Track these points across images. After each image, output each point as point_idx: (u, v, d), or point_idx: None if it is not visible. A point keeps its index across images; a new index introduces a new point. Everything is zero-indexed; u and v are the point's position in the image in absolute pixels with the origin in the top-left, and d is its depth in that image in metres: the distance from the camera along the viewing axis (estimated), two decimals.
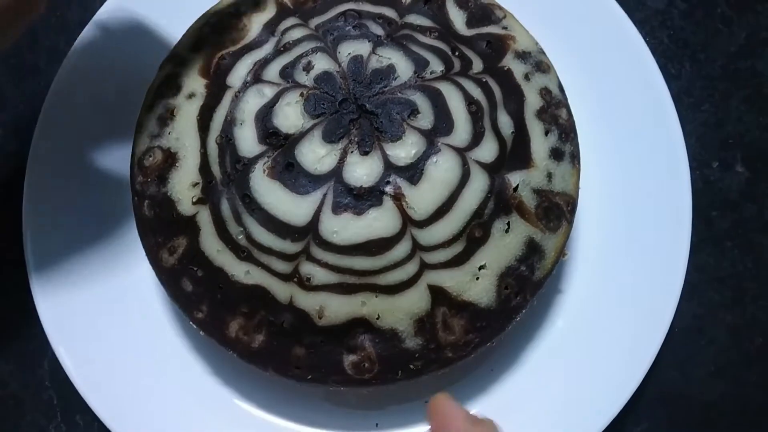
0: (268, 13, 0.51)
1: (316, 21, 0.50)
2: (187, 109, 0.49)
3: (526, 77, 0.51)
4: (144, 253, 0.50)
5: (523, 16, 0.54)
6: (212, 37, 0.51)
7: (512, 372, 0.55)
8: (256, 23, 0.51)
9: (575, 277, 0.56)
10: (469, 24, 0.52)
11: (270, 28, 0.50)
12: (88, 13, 0.60)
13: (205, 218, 0.47)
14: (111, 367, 0.53)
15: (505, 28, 0.52)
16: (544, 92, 0.51)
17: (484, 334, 0.48)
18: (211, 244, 0.47)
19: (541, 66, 0.52)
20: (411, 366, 0.47)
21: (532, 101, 0.50)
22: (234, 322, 0.47)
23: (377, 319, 0.46)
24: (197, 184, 0.47)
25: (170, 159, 0.49)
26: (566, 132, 0.51)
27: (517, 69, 0.51)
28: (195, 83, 0.50)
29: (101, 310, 0.54)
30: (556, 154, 0.50)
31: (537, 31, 0.54)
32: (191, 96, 0.49)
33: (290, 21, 0.50)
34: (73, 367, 0.53)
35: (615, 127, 0.58)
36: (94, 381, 0.52)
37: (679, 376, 0.58)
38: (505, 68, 0.50)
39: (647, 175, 0.57)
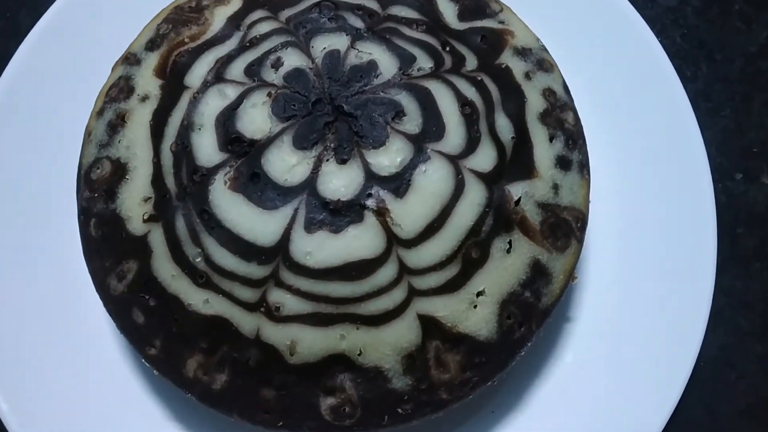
0: (233, 5, 0.47)
1: (287, 13, 0.46)
2: (139, 114, 0.45)
3: (527, 76, 0.47)
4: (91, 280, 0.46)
5: (521, 11, 0.50)
6: (170, 34, 0.47)
7: (516, 415, 0.51)
8: (219, 17, 0.47)
9: (586, 304, 0.52)
10: (462, 17, 0.48)
11: (235, 21, 0.46)
12: (40, 16, 0.55)
13: (157, 238, 0.42)
14: (54, 412, 0.48)
15: (502, 22, 0.49)
16: (548, 93, 0.47)
17: (484, 371, 0.44)
18: (164, 268, 0.42)
19: (544, 64, 0.48)
20: (399, 410, 0.43)
21: (534, 103, 0.46)
22: (192, 359, 0.43)
23: (359, 355, 0.41)
24: (149, 198, 0.43)
25: (120, 171, 0.44)
26: (573, 138, 0.47)
27: (517, 67, 0.47)
28: (149, 84, 0.46)
29: (42, 344, 0.50)
30: (562, 163, 0.46)
31: (537, 27, 0.50)
32: (145, 99, 0.45)
33: (258, 14, 0.46)
34: (9, 412, 0.48)
35: (626, 134, 0.54)
36: (34, 429, 0.47)
37: (706, 414, 0.54)
38: (503, 66, 0.46)
39: (665, 189, 0.53)
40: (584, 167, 0.47)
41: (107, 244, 0.44)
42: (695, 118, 0.52)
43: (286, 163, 0.41)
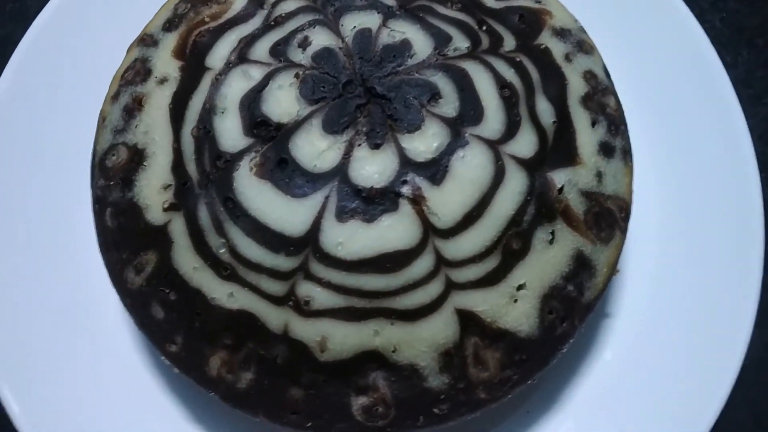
0: None
1: None
2: (158, 97, 0.43)
3: (567, 58, 0.45)
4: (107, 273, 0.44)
5: None
6: (189, 13, 0.45)
7: (552, 415, 0.48)
8: None
9: (626, 299, 0.50)
10: None
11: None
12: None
13: (178, 228, 0.40)
14: (66, 413, 0.46)
15: (538, 2, 0.47)
16: (589, 76, 0.45)
17: (524, 369, 0.42)
18: (186, 260, 0.40)
19: (584, 46, 0.46)
20: (435, 410, 0.41)
21: (576, 86, 0.44)
22: (215, 356, 0.41)
23: (393, 352, 0.39)
24: (169, 186, 0.41)
25: (137, 157, 0.42)
26: (616, 124, 0.45)
27: (556, 48, 0.45)
28: (168, 66, 0.43)
29: (55, 340, 0.47)
30: (605, 150, 0.44)
31: (575, 10, 0.48)
32: (163, 81, 0.43)
33: None
34: (20, 413, 0.45)
35: (667, 121, 0.52)
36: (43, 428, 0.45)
37: (751, 418, 0.53)
38: (542, 47, 0.44)
39: (708, 179, 0.50)
40: (627, 154, 0.45)
41: (124, 235, 0.42)
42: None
43: (315, 148, 0.39)
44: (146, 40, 0.45)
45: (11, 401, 0.45)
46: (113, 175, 0.42)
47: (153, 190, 0.41)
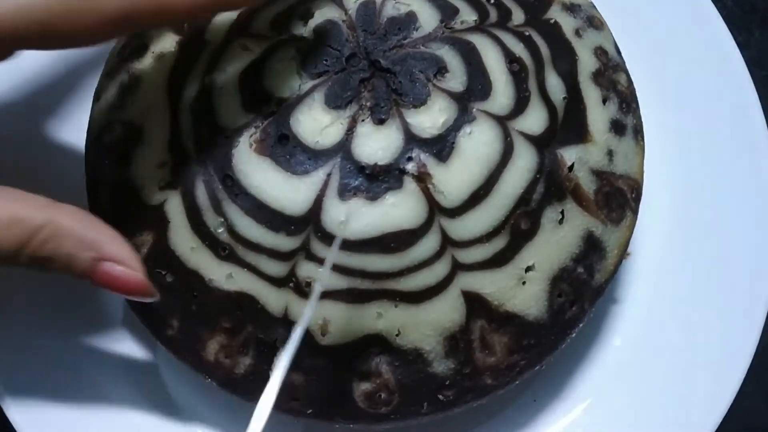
0: None
1: None
2: (155, 73, 0.41)
3: (577, 33, 0.43)
4: None
5: None
6: None
7: (559, 403, 0.47)
8: None
9: (636, 284, 0.48)
10: None
11: None
12: None
13: (175, 207, 0.39)
14: (60, 404, 0.44)
15: None
16: (599, 52, 0.43)
17: (532, 354, 0.40)
18: (183, 240, 0.39)
19: (594, 21, 0.44)
20: (440, 396, 0.39)
21: (587, 62, 0.42)
22: (213, 340, 0.40)
23: (397, 335, 0.38)
24: (166, 163, 0.39)
25: (133, 134, 0.41)
26: (627, 101, 0.43)
27: (566, 23, 0.43)
28: (165, 41, 0.42)
29: (46, 325, 0.46)
30: (617, 128, 0.42)
31: None
32: (161, 57, 0.42)
33: None
34: (12, 404, 0.43)
35: (678, 102, 0.50)
36: (35, 418, 0.43)
37: (765, 405, 0.51)
38: (552, 21, 0.43)
39: (720, 161, 0.49)
40: (638, 133, 0.43)
41: (119, 215, 0.40)
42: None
43: (317, 124, 0.37)
44: None
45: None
46: (109, 153, 0.41)
47: (149, 168, 0.39)
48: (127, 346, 0.47)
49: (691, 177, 0.49)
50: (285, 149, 0.37)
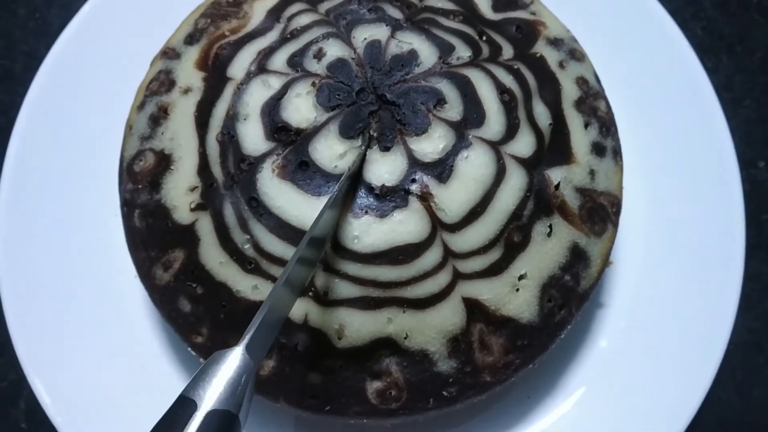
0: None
1: (326, 6, 0.46)
2: (183, 106, 0.45)
3: (561, 65, 0.47)
4: (133, 271, 0.45)
5: (547, 2, 0.51)
6: (209, 28, 0.46)
7: (551, 400, 0.50)
8: (258, 10, 0.47)
9: (618, 290, 0.52)
10: (495, 8, 0.48)
11: (275, 14, 0.46)
12: (71, 15, 0.55)
13: (205, 226, 0.42)
14: (95, 403, 0.48)
15: (533, 13, 0.49)
16: (581, 81, 0.47)
17: (526, 354, 0.44)
18: (212, 255, 0.42)
19: (575, 54, 0.48)
20: (444, 393, 0.43)
21: (569, 91, 0.46)
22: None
23: (405, 338, 0.41)
24: (196, 188, 0.43)
25: (164, 162, 0.44)
26: (606, 126, 0.47)
27: (551, 56, 0.47)
28: (191, 77, 0.45)
29: (83, 336, 0.49)
30: (597, 149, 0.46)
31: (564, 19, 0.50)
32: (187, 91, 0.45)
33: (297, 6, 0.46)
34: (51, 405, 0.47)
35: (654, 124, 0.54)
36: (76, 420, 0.47)
37: (738, 398, 0.54)
38: (537, 55, 0.47)
39: (693, 176, 0.53)
40: (617, 154, 0.47)
41: (152, 235, 0.44)
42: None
43: (333, 152, 0.41)
44: (169, 53, 0.47)
45: (43, 395, 0.47)
46: (141, 178, 0.44)
47: (180, 191, 0.43)
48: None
49: (666, 192, 0.53)
50: (305, 174, 0.41)
